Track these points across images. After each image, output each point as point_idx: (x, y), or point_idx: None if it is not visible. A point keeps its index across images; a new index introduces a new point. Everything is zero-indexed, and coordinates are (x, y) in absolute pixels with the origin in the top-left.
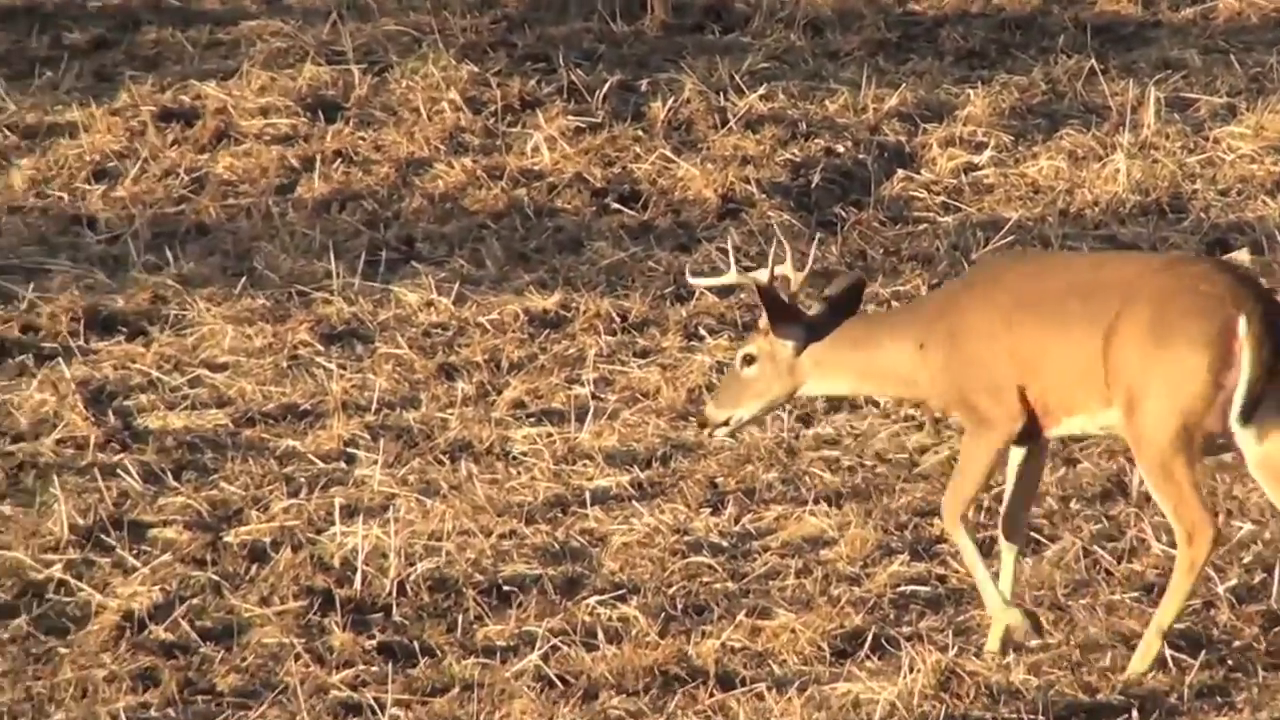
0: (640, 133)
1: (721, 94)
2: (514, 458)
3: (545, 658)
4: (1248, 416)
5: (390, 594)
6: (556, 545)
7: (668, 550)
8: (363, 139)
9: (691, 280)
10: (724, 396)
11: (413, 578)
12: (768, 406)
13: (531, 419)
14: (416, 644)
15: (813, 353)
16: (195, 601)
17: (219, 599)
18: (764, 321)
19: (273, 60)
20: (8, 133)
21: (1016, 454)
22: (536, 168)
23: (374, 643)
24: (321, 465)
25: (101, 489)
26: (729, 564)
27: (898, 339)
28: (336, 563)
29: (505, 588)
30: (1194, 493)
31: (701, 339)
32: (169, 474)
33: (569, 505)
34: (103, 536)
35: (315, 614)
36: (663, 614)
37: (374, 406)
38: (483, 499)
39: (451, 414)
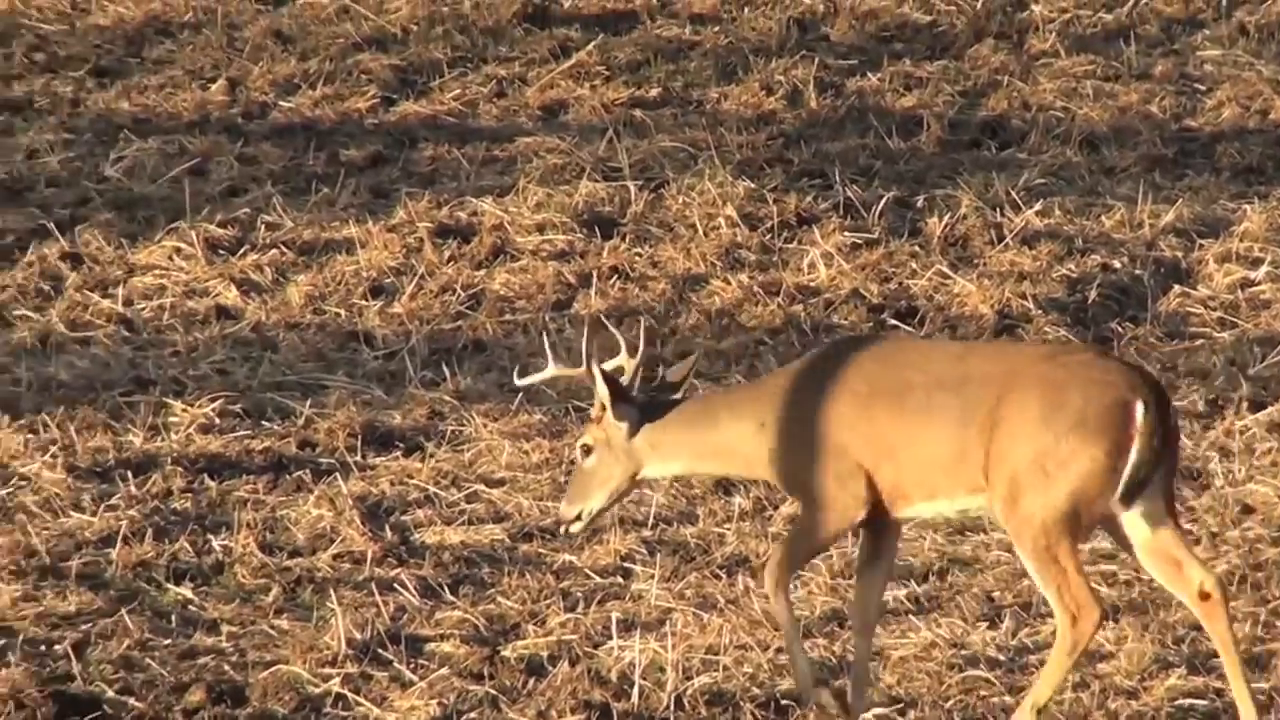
0: (917, 248)
1: (998, 210)
2: None
3: None
4: (1131, 499)
5: (668, 708)
6: (834, 659)
7: (945, 664)
8: (639, 255)
9: (517, 382)
10: (572, 492)
11: (690, 692)
12: (614, 494)
13: None
14: None
15: (648, 434)
16: (473, 716)
17: (496, 713)
18: (595, 410)
19: (549, 176)
20: (285, 249)
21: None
22: (813, 284)
23: None
24: (598, 580)
25: (379, 603)
26: (1006, 678)
27: (738, 418)
28: (614, 677)
29: (783, 702)
30: (1079, 575)
31: None
32: (446, 588)
33: (846, 619)
34: (380, 651)
35: None
36: None
37: (651, 521)
38: (760, 613)
39: (728, 529)
